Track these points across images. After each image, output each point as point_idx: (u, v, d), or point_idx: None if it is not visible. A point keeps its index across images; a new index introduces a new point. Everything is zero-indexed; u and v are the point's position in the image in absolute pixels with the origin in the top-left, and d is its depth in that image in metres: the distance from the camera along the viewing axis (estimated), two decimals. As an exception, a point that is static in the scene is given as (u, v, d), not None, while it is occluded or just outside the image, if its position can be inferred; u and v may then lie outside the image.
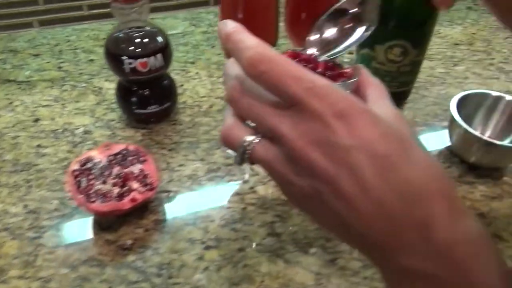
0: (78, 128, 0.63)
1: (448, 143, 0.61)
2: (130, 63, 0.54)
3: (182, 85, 0.72)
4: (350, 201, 0.23)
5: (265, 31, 0.51)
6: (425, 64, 0.78)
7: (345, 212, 0.24)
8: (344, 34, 0.35)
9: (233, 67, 0.27)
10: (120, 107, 0.63)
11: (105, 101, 0.68)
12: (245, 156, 0.27)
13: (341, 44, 0.34)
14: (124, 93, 0.61)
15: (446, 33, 0.90)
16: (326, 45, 0.37)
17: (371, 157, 0.23)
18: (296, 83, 0.23)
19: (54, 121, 0.64)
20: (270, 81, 0.24)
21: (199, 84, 0.73)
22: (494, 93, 0.60)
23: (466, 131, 0.55)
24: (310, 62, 0.33)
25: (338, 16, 0.36)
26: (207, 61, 0.79)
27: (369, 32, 0.33)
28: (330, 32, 0.36)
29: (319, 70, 0.32)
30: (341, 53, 0.33)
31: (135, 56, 0.54)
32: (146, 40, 0.55)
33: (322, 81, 0.24)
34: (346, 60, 0.78)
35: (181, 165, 0.58)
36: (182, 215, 0.51)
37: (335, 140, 0.23)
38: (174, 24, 0.89)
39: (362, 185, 0.23)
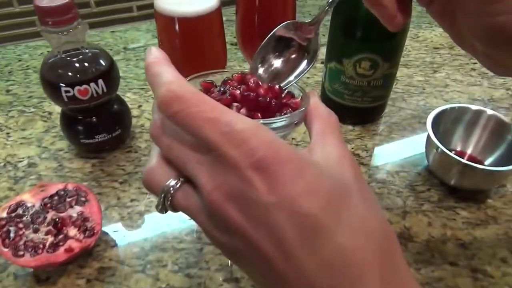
0: (22, 161, 0.57)
1: (426, 162, 0.56)
2: (68, 91, 0.48)
3: (140, 106, 0.67)
4: (270, 264, 0.21)
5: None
6: (402, 72, 0.73)
7: (266, 273, 0.21)
8: (287, 63, 0.30)
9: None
10: (66, 137, 0.57)
11: (54, 127, 0.62)
12: (166, 203, 0.24)
13: (285, 74, 0.29)
14: (68, 122, 0.55)
15: (425, 36, 0.85)
16: (269, 73, 0.32)
17: (293, 217, 0.20)
18: (211, 126, 0.21)
19: (-5, 153, 0.59)
20: (183, 123, 0.21)
21: (158, 104, 0.67)
22: (474, 107, 0.55)
23: (443, 152, 0.50)
24: (257, 87, 0.29)
25: (279, 43, 0.31)
26: (169, 77, 0.73)
27: (311, 65, 0.28)
28: (272, 59, 0.31)
29: (262, 98, 0.28)
30: (286, 85, 0.28)
31: (72, 84, 0.48)
32: (85, 64, 0.50)
33: (240, 124, 0.21)
34: (314, 75, 0.73)
35: (133, 200, 0.52)
36: (130, 260, 0.45)
37: (253, 196, 0.20)
38: (135, 37, 0.84)
39: (282, 250, 0.20)
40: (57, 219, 0.43)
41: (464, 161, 0.48)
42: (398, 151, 0.59)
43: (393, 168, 0.57)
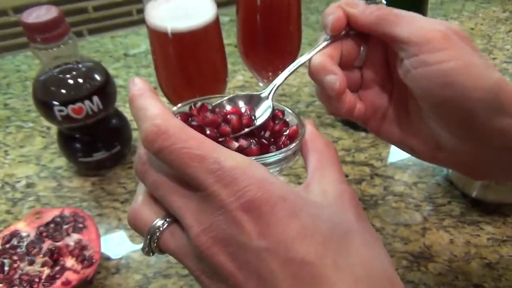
0: (20, 181, 0.55)
1: (446, 171, 0.52)
2: (61, 111, 0.46)
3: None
4: None
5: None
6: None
7: None
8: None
9: None
10: (63, 155, 0.55)
11: (53, 143, 0.60)
12: (152, 245, 0.22)
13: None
14: (65, 140, 0.52)
15: (440, 30, 0.80)
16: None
17: (287, 265, 0.18)
18: (198, 163, 0.19)
19: (-7, 173, 0.56)
20: (169, 160, 0.20)
21: (160, 115, 0.64)
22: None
23: (465, 163, 0.46)
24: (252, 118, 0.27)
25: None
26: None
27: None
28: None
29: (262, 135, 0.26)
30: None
31: (66, 102, 0.46)
32: (78, 80, 0.47)
33: (229, 161, 0.19)
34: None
35: (134, 221, 0.49)
36: (132, 288, 0.43)
37: (242, 240, 0.19)
38: (136, 42, 0.81)
39: None
40: (54, 249, 0.41)
41: (488, 173, 0.44)
42: (415, 159, 0.55)
43: (410, 178, 0.53)
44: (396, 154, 0.56)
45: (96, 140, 0.52)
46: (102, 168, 0.55)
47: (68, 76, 0.47)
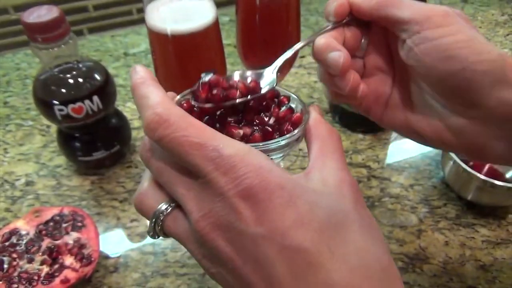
0: (19, 179, 0.55)
1: (442, 173, 0.53)
2: (61, 110, 0.46)
3: (141, 117, 0.64)
4: None
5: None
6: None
7: None
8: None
9: None
10: (63, 154, 0.55)
11: (53, 142, 0.60)
12: (157, 228, 0.23)
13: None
14: (65, 139, 0.53)
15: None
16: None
17: (283, 251, 0.19)
18: (197, 151, 0.20)
19: (-7, 171, 0.57)
20: (169, 147, 0.20)
21: (159, 114, 0.65)
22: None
23: (460, 166, 0.47)
24: (260, 100, 0.27)
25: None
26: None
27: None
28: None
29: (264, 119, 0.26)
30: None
31: (66, 101, 0.46)
32: (79, 79, 0.47)
33: (228, 149, 0.20)
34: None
35: (133, 220, 0.50)
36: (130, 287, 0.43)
37: (240, 226, 0.19)
38: (136, 41, 0.81)
39: (270, 283, 0.19)
40: (53, 247, 0.42)
41: (482, 176, 0.45)
42: (412, 161, 0.56)
43: (406, 180, 0.53)
44: (393, 156, 0.57)
45: (95, 139, 0.52)
46: (101, 167, 0.55)
47: (68, 75, 0.47)
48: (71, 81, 0.47)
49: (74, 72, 0.47)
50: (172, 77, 0.40)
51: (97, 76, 0.49)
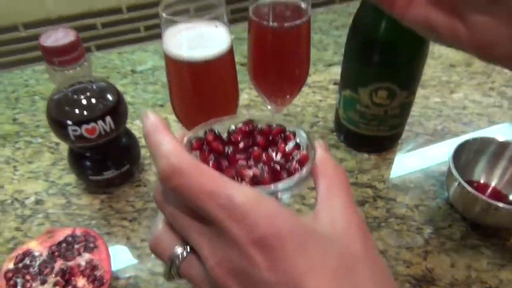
0: (29, 197, 0.56)
1: (447, 193, 0.54)
2: (75, 130, 0.47)
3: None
4: None
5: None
6: (419, 93, 0.70)
7: None
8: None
9: None
10: (73, 173, 0.55)
11: (62, 160, 0.61)
12: (173, 272, 0.24)
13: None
14: (76, 159, 0.53)
15: (440, 53, 0.82)
16: None
17: None
18: (210, 199, 0.20)
19: (3, 189, 0.57)
20: (183, 196, 0.21)
21: (167, 132, 0.65)
22: (500, 139, 0.52)
23: (464, 188, 0.48)
24: (266, 139, 0.29)
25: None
26: (178, 102, 0.71)
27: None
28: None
29: (273, 165, 0.27)
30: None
31: (80, 122, 0.47)
32: (92, 100, 0.48)
33: (240, 197, 0.20)
34: (327, 97, 0.71)
35: (143, 240, 0.50)
36: (141, 308, 0.44)
37: (255, 273, 0.20)
38: (143, 58, 0.82)
39: None
40: (65, 269, 0.42)
41: (486, 199, 0.46)
42: (417, 181, 0.57)
43: (412, 201, 0.54)
44: (397, 176, 0.58)
45: (106, 158, 0.53)
46: (111, 186, 0.56)
47: (82, 96, 0.48)
48: (84, 101, 0.48)
49: (88, 93, 0.48)
50: (186, 102, 0.41)
51: (109, 96, 0.50)
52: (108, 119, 0.48)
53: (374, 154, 0.61)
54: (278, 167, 0.26)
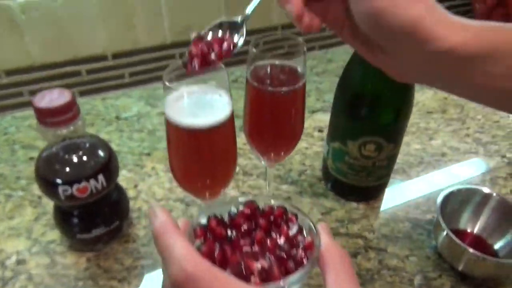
0: (10, 257, 0.53)
1: (434, 242, 0.55)
2: (66, 190, 0.46)
3: (136, 186, 0.64)
4: None
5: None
6: (400, 142, 0.73)
7: None
8: None
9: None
10: (59, 230, 0.53)
11: (45, 214, 0.59)
12: None
13: None
14: (62, 216, 0.52)
15: (417, 99, 0.86)
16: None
17: None
18: None
19: (-19, 248, 0.54)
20: None
21: (155, 183, 0.65)
22: (485, 190, 0.55)
23: (452, 240, 0.49)
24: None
25: None
26: (165, 151, 0.71)
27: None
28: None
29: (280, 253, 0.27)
30: None
31: (71, 182, 0.46)
32: (84, 158, 0.47)
33: None
34: (313, 145, 0.72)
35: (133, 301, 0.49)
36: None
37: None
38: (127, 105, 0.82)
39: None
40: None
41: (474, 251, 0.47)
42: (405, 230, 0.58)
43: (402, 251, 0.55)
44: (386, 225, 0.59)
45: (95, 216, 0.51)
46: (98, 243, 0.54)
47: (73, 153, 0.47)
48: (75, 159, 0.47)
49: (79, 150, 0.47)
50: (185, 166, 0.41)
51: (100, 153, 0.49)
52: (100, 177, 0.47)
53: (362, 203, 0.62)
54: (284, 255, 0.27)
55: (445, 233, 0.51)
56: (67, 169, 0.47)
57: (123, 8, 0.76)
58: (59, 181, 0.46)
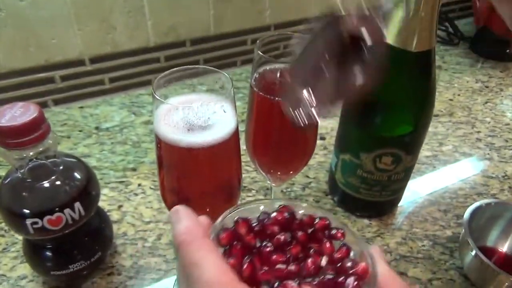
0: (-28, 299, 0.45)
1: (459, 262, 0.49)
2: (35, 223, 0.38)
3: (120, 206, 0.56)
4: None
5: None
6: (410, 149, 0.68)
7: None
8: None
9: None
10: (31, 267, 0.46)
11: (15, 244, 0.51)
12: None
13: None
14: (34, 250, 0.44)
15: (422, 101, 0.80)
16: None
17: None
18: None
19: None
20: None
21: (142, 203, 0.57)
22: (516, 204, 0.49)
23: (483, 261, 0.43)
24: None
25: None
26: (152, 165, 0.63)
27: None
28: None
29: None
30: None
31: (41, 213, 0.38)
32: (57, 183, 0.40)
33: None
34: (316, 154, 0.66)
35: None
36: None
37: None
38: (109, 114, 0.74)
39: None
40: None
41: (509, 276, 0.42)
42: (424, 250, 0.52)
43: (424, 274, 0.49)
44: (403, 245, 0.53)
45: (73, 248, 0.44)
46: (77, 278, 0.46)
47: (43, 178, 0.39)
48: (47, 185, 0.39)
49: (50, 174, 0.40)
50: (180, 188, 0.34)
51: (77, 175, 0.42)
52: (77, 205, 0.40)
53: (374, 219, 0.56)
54: (330, 280, 0.21)
55: (473, 253, 0.45)
56: (36, 197, 0.39)
57: (100, 8, 0.68)
58: (26, 212, 0.38)
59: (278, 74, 0.34)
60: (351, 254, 0.24)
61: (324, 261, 0.23)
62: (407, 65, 0.43)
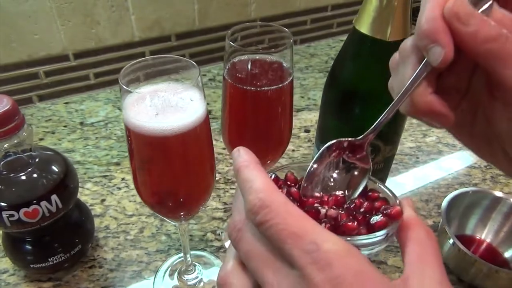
0: (-48, 294, 0.45)
1: (440, 253, 0.50)
2: (12, 215, 0.38)
3: (103, 200, 0.57)
4: None
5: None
6: (394, 140, 0.68)
7: None
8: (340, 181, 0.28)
9: (241, 203, 0.23)
10: (10, 260, 0.46)
11: (-4, 239, 0.51)
12: None
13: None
14: (12, 243, 0.44)
15: (407, 94, 0.81)
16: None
17: None
18: (295, 243, 0.19)
19: None
20: (268, 234, 0.20)
21: (125, 196, 0.57)
22: (497, 194, 0.49)
23: (460, 250, 0.44)
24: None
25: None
26: (136, 159, 0.63)
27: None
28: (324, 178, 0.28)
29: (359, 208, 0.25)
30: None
31: (17, 205, 0.38)
32: (33, 175, 0.40)
33: (327, 245, 0.19)
34: (299, 147, 0.66)
35: None
36: None
37: None
38: (94, 109, 0.74)
39: None
40: None
41: (485, 262, 0.42)
42: (406, 239, 0.52)
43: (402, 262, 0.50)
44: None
45: (52, 241, 0.44)
46: (58, 270, 0.47)
47: (19, 171, 0.39)
48: (23, 177, 0.40)
49: (27, 166, 0.40)
50: (154, 180, 0.35)
51: (55, 168, 0.42)
52: (54, 197, 0.40)
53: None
54: (360, 216, 0.23)
55: (451, 241, 0.45)
56: (12, 190, 0.39)
57: (82, 2, 0.68)
58: (2, 205, 0.38)
59: (249, 65, 0.35)
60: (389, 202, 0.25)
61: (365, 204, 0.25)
62: (383, 55, 0.43)
